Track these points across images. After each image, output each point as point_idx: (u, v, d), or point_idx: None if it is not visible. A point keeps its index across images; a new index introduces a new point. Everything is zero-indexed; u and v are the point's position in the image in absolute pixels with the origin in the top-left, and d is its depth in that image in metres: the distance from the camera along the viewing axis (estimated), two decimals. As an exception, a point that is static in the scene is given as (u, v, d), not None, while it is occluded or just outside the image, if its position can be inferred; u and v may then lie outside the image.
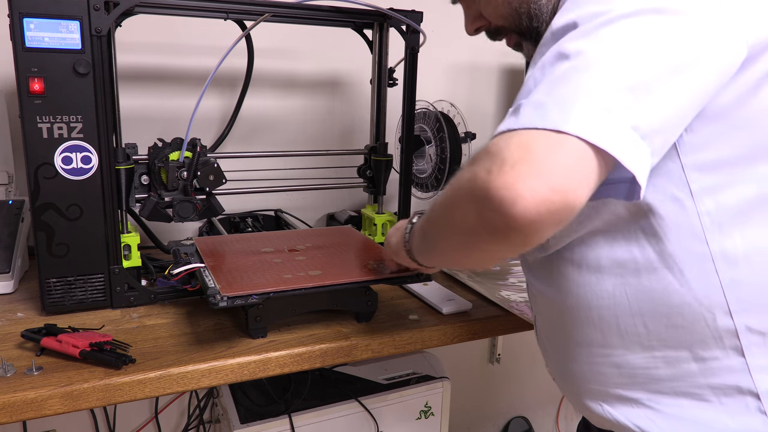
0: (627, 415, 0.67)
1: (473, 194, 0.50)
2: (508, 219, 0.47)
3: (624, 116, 0.50)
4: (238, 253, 0.97)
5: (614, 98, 0.50)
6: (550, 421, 2.04)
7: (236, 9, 0.99)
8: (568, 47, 0.53)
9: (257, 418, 1.13)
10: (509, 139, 0.50)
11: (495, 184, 0.47)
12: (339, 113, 1.46)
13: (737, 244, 0.60)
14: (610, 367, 0.67)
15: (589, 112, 0.49)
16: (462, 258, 0.60)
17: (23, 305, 0.95)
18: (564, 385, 0.75)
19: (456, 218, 0.55)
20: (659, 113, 0.52)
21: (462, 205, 0.53)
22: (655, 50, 0.52)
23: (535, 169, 0.47)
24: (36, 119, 0.84)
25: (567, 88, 0.51)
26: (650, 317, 0.63)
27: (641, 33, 0.52)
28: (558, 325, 0.72)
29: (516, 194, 0.47)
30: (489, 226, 0.50)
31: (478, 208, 0.50)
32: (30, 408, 0.71)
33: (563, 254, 0.68)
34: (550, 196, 0.47)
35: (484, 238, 0.52)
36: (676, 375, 0.64)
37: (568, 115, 0.49)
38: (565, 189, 0.47)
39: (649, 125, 0.51)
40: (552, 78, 0.52)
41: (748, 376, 0.62)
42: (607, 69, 0.51)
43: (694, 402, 0.63)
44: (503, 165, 0.48)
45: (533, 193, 0.46)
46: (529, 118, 0.50)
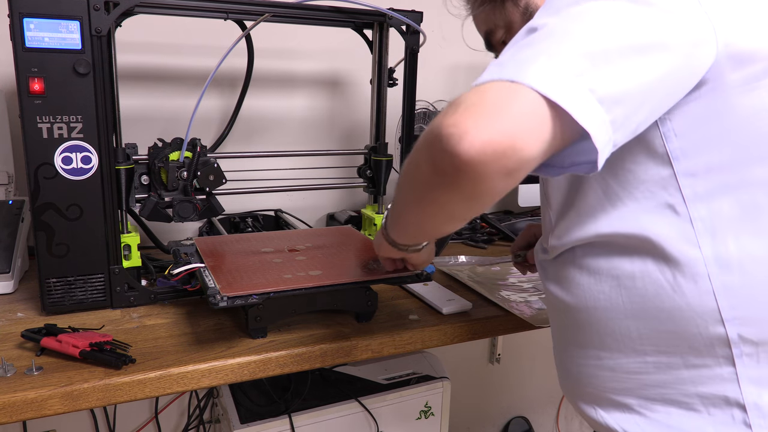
0: (618, 420, 0.67)
1: (427, 140, 0.52)
2: (454, 157, 0.48)
3: (580, 78, 0.50)
4: (238, 253, 0.97)
5: (572, 61, 0.51)
6: (550, 421, 2.04)
7: (236, 9, 0.99)
8: (537, 22, 0.55)
9: (257, 418, 1.13)
10: (467, 93, 0.51)
11: (445, 123, 0.49)
12: (339, 113, 1.46)
13: (731, 250, 0.60)
14: (604, 371, 0.67)
15: (545, 69, 0.50)
16: (424, 220, 0.61)
17: (23, 305, 0.95)
18: (564, 384, 0.76)
19: (413, 171, 0.56)
20: (618, 83, 0.52)
21: (418, 154, 0.54)
22: (619, 27, 0.53)
23: (485, 111, 0.48)
24: (36, 119, 0.84)
25: (528, 50, 0.53)
26: (643, 321, 0.63)
27: (608, 13, 0.53)
28: (562, 325, 0.73)
29: (463, 131, 0.48)
30: (438, 169, 0.51)
31: (430, 153, 0.51)
32: (30, 408, 0.71)
33: (567, 257, 0.69)
34: (496, 136, 0.48)
35: (435, 185, 0.53)
36: (666, 381, 0.64)
37: (525, 69, 0.50)
38: (512, 133, 0.48)
39: (606, 92, 0.51)
40: (518, 46, 0.54)
41: (737, 387, 0.62)
42: (569, 37, 0.52)
43: (683, 411, 0.64)
44: (457, 108, 0.49)
45: (479, 131, 0.47)
46: (488, 73, 0.52)
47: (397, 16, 1.08)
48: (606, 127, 0.51)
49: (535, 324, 0.96)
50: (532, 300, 1.05)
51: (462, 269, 1.20)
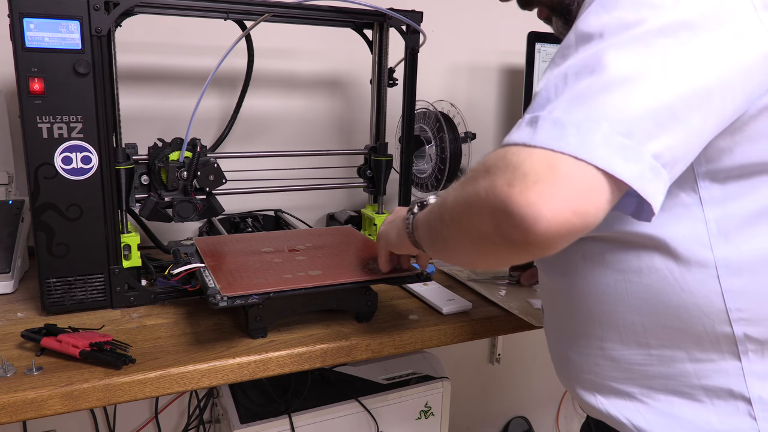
0: (619, 408, 0.67)
1: (491, 205, 0.50)
2: (528, 235, 0.48)
3: (646, 144, 0.49)
4: (238, 253, 0.97)
5: (637, 124, 0.49)
6: (550, 421, 2.04)
7: (236, 9, 0.99)
8: (593, 60, 0.52)
9: (257, 418, 1.13)
10: (530, 155, 0.49)
11: (518, 201, 0.47)
12: (339, 113, 1.46)
13: (742, 253, 0.59)
14: (606, 360, 0.67)
15: (609, 140, 0.48)
16: (473, 261, 0.61)
17: (23, 305, 0.95)
18: (561, 371, 0.76)
19: (471, 224, 0.54)
20: (683, 140, 0.51)
21: (478, 213, 0.53)
22: (683, 72, 0.50)
23: (558, 190, 0.47)
24: (36, 119, 0.84)
25: (588, 108, 0.50)
26: (648, 316, 0.63)
27: (669, 52, 0.51)
28: (560, 312, 0.73)
29: (538, 213, 0.47)
30: (506, 238, 0.50)
31: (497, 221, 0.50)
32: (30, 408, 0.71)
33: (572, 244, 0.68)
34: (571, 218, 0.47)
35: (499, 247, 0.52)
36: (670, 374, 0.64)
37: (587, 141, 0.48)
38: (585, 212, 0.48)
39: (672, 153, 0.50)
40: (573, 93, 0.51)
41: (742, 381, 0.62)
42: (632, 91, 0.50)
43: (686, 401, 0.64)
44: (525, 181, 0.48)
45: (555, 214, 0.47)
46: (547, 137, 0.50)
47: (397, 16, 1.08)
48: (665, 185, 0.51)
49: (535, 324, 0.96)
50: (532, 300, 1.05)
51: (462, 269, 1.20)
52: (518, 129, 0.53)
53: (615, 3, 0.53)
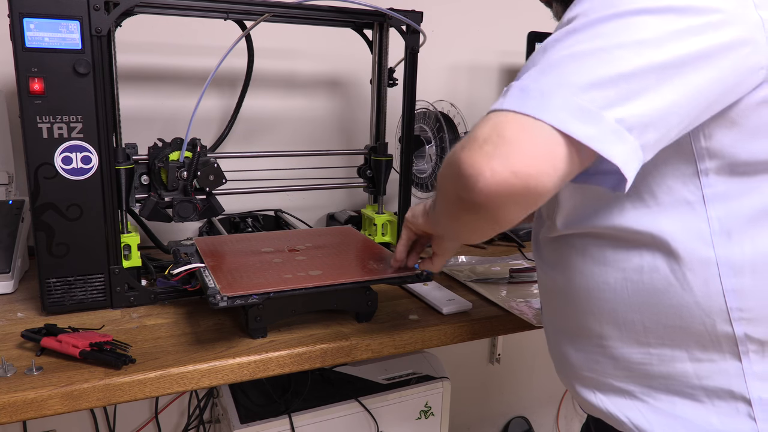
0: (618, 406, 0.67)
1: (451, 168, 0.53)
2: (472, 194, 0.50)
3: (607, 109, 0.50)
4: (238, 253, 0.97)
5: (600, 89, 0.50)
6: (550, 421, 2.04)
7: (236, 9, 0.99)
8: (566, 35, 0.54)
9: (257, 418, 1.13)
10: (489, 119, 0.52)
11: (464, 161, 0.50)
12: (339, 113, 1.46)
13: (745, 252, 0.59)
14: (606, 358, 0.67)
15: (568, 103, 0.50)
16: (457, 229, 0.62)
17: (23, 305, 0.95)
18: (560, 369, 0.76)
19: (442, 190, 0.58)
20: (651, 107, 0.51)
21: (445, 177, 0.56)
22: (654, 44, 0.51)
23: (500, 151, 0.49)
24: (36, 119, 0.84)
25: (553, 75, 0.52)
26: (649, 315, 0.63)
27: (642, 28, 0.51)
28: (559, 310, 0.73)
29: (478, 172, 0.49)
30: (461, 199, 0.53)
31: (453, 183, 0.53)
32: (30, 408, 0.71)
33: (571, 241, 0.68)
34: (510, 178, 0.49)
35: (462, 209, 0.55)
36: (670, 373, 0.64)
37: (548, 104, 0.50)
38: (526, 174, 0.49)
39: (638, 119, 0.51)
40: (545, 63, 0.53)
41: (743, 382, 0.62)
42: (597, 60, 0.51)
43: (687, 401, 0.64)
44: (474, 143, 0.50)
45: (493, 173, 0.49)
46: (511, 101, 0.52)
47: (397, 16, 1.08)
48: (636, 153, 0.51)
49: (535, 324, 0.96)
50: (532, 300, 1.05)
51: (462, 269, 1.20)
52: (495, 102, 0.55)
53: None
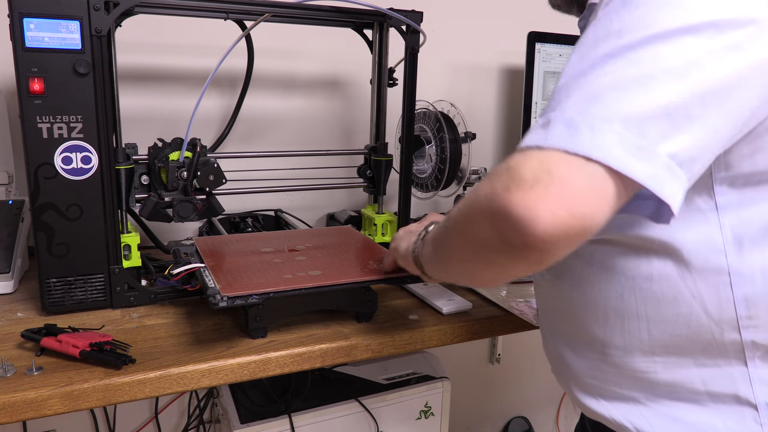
0: (622, 411, 0.67)
1: (491, 209, 0.49)
2: (526, 237, 0.47)
3: (660, 143, 0.48)
4: (238, 253, 0.97)
5: (651, 124, 0.48)
6: (550, 421, 2.04)
7: (236, 9, 0.99)
8: (608, 59, 0.51)
9: (257, 418, 1.13)
10: (532, 156, 0.49)
11: (514, 203, 0.47)
12: (339, 113, 1.46)
13: (756, 260, 0.58)
14: (609, 366, 0.67)
15: (622, 139, 0.47)
16: (474, 272, 0.60)
17: (23, 305, 0.95)
18: (558, 372, 0.75)
19: (472, 231, 0.54)
20: (700, 139, 0.50)
21: (479, 219, 0.52)
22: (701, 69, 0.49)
23: (555, 192, 0.47)
24: (36, 119, 0.84)
25: (601, 108, 0.49)
26: (656, 323, 0.62)
27: (684, 50, 0.49)
28: (560, 316, 0.72)
29: (535, 215, 0.46)
30: (506, 242, 0.49)
31: (496, 224, 0.49)
32: (30, 408, 0.71)
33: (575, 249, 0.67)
34: (569, 219, 0.47)
35: (499, 253, 0.52)
36: (675, 380, 0.63)
37: (600, 140, 0.47)
38: (583, 214, 0.47)
39: (688, 153, 0.49)
40: (587, 92, 0.50)
41: (749, 386, 0.61)
42: (646, 89, 0.49)
43: (691, 405, 0.63)
44: (522, 183, 0.47)
45: (552, 216, 0.46)
46: (559, 137, 0.49)
47: (397, 16, 1.08)
48: (683, 187, 0.50)
49: (535, 324, 0.96)
50: (532, 300, 1.05)
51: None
52: (530, 132, 0.52)
53: (636, 2, 0.52)
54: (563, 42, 1.45)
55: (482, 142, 1.60)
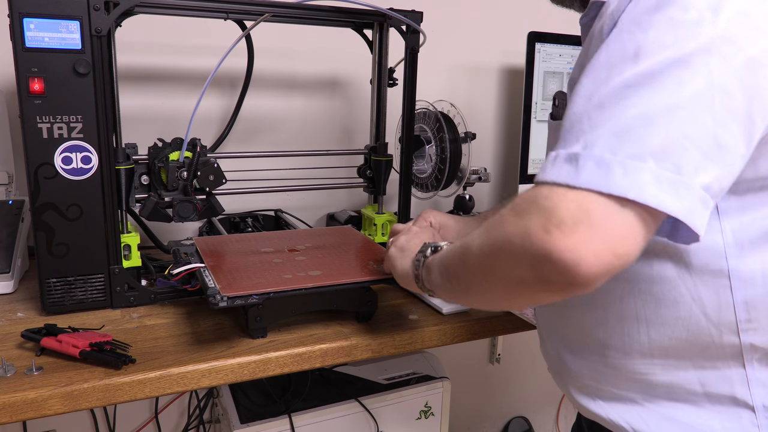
0: (619, 412, 0.67)
1: (529, 251, 0.49)
2: (571, 279, 0.48)
3: (695, 177, 0.48)
4: (238, 253, 0.97)
5: (684, 158, 0.48)
6: (550, 421, 2.04)
7: (236, 9, 0.99)
8: (629, 88, 0.50)
9: (257, 418, 1.13)
10: (566, 197, 0.48)
11: (558, 246, 0.47)
12: (339, 113, 1.46)
13: (756, 264, 0.58)
14: (607, 368, 0.67)
15: (658, 177, 0.47)
16: (500, 302, 0.60)
17: (23, 305, 0.95)
18: (556, 372, 0.75)
19: (504, 270, 0.53)
20: (730, 166, 0.50)
21: (513, 259, 0.51)
22: (728, 94, 0.48)
23: (598, 234, 0.47)
24: (36, 119, 0.84)
25: (631, 144, 0.48)
26: (655, 326, 0.62)
27: (714, 73, 0.48)
28: (559, 317, 0.72)
29: (580, 258, 0.47)
30: (546, 282, 0.49)
31: (536, 266, 0.49)
32: (30, 408, 0.71)
33: None
34: (612, 260, 0.47)
35: (536, 291, 0.52)
36: (673, 382, 0.64)
37: (634, 180, 0.47)
38: (625, 252, 0.48)
39: (720, 183, 0.49)
40: (614, 127, 0.49)
41: (746, 389, 0.61)
42: (675, 121, 0.48)
43: (689, 406, 0.63)
44: (562, 225, 0.47)
45: (596, 258, 0.47)
46: (591, 177, 0.48)
47: (397, 16, 1.08)
48: (710, 212, 0.50)
49: (535, 324, 0.96)
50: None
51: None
52: (554, 166, 0.51)
53: (649, 21, 0.51)
54: (563, 42, 1.45)
55: (482, 142, 1.60)
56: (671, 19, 0.50)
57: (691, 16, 0.49)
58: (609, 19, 0.56)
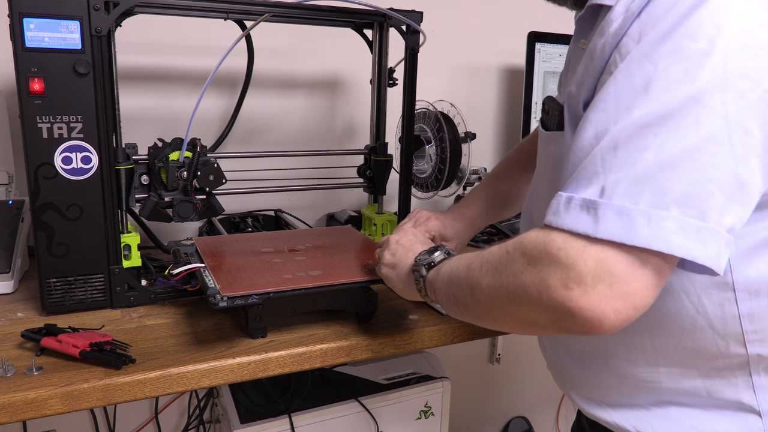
0: (624, 416, 0.67)
1: (549, 305, 0.49)
2: (590, 330, 0.48)
3: (720, 221, 0.47)
4: (238, 253, 0.97)
5: (708, 203, 0.47)
6: (550, 421, 2.04)
7: (236, 9, 0.99)
8: (645, 129, 0.48)
9: (257, 418, 1.13)
10: (585, 251, 0.48)
11: (579, 304, 0.47)
12: (339, 113, 1.46)
13: (761, 275, 0.58)
14: (612, 376, 0.66)
15: (682, 225, 0.46)
16: (513, 329, 0.60)
17: (23, 305, 0.95)
18: (559, 378, 0.75)
19: (520, 314, 0.54)
20: (751, 203, 0.49)
21: (530, 308, 0.52)
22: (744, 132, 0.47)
23: (618, 292, 0.47)
24: (36, 119, 0.84)
25: (652, 192, 0.47)
26: (659, 336, 0.62)
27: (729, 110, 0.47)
28: None
29: (602, 315, 0.47)
30: (566, 329, 0.50)
31: (555, 317, 0.49)
32: (30, 408, 0.71)
33: None
34: (633, 313, 0.48)
35: (553, 331, 0.52)
36: (678, 389, 0.63)
37: (658, 230, 0.46)
38: (645, 304, 0.48)
39: (742, 220, 0.49)
40: (633, 173, 0.48)
41: (752, 395, 0.61)
42: (696, 166, 0.47)
43: (695, 410, 0.63)
44: (582, 282, 0.47)
45: (617, 314, 0.47)
46: (613, 228, 0.47)
47: (397, 16, 1.07)
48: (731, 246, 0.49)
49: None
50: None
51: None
52: (569, 212, 0.50)
53: (658, 51, 0.50)
54: (563, 42, 1.45)
55: (482, 142, 1.60)
56: (681, 48, 0.49)
57: (701, 45, 0.48)
58: (611, 38, 0.55)
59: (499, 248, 0.56)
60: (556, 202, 0.51)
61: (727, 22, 0.48)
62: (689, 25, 0.48)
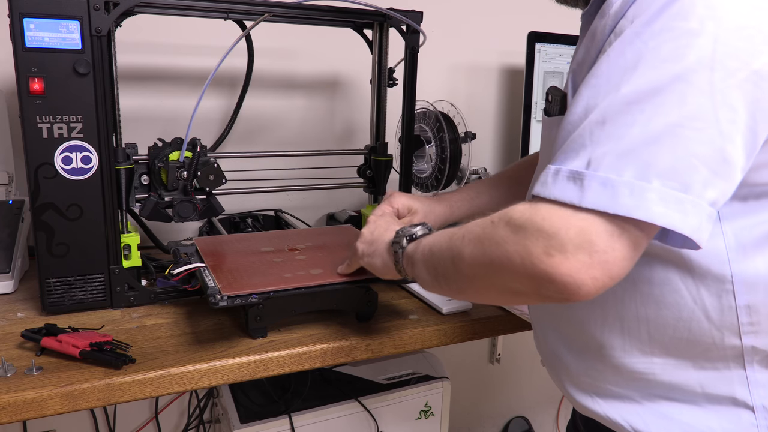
0: (618, 410, 0.67)
1: (530, 272, 0.50)
2: (568, 296, 0.49)
3: (703, 194, 0.48)
4: (238, 253, 0.97)
5: (691, 176, 0.48)
6: (550, 421, 2.04)
7: (236, 9, 0.99)
8: (631, 105, 0.49)
9: (257, 418, 1.13)
10: (569, 220, 0.49)
11: (559, 270, 0.48)
12: (339, 113, 1.46)
13: (759, 268, 0.58)
14: (606, 366, 0.67)
15: (664, 196, 0.48)
16: (496, 302, 0.62)
17: (23, 305, 0.95)
18: (554, 370, 0.75)
19: (502, 283, 0.55)
20: (735, 179, 0.50)
21: (512, 275, 0.53)
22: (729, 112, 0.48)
23: (598, 260, 0.48)
24: (36, 119, 0.84)
25: (636, 165, 0.48)
26: (655, 326, 0.62)
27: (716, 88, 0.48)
28: (557, 315, 0.72)
29: (580, 282, 0.48)
30: (545, 296, 0.51)
31: (535, 285, 0.51)
32: (30, 408, 0.71)
33: None
34: (608, 282, 0.49)
35: (533, 299, 0.54)
36: (672, 382, 0.64)
37: (641, 200, 0.48)
38: (620, 274, 0.49)
39: (725, 195, 0.50)
40: (618, 147, 0.49)
41: (746, 389, 0.61)
42: (680, 139, 0.48)
43: (688, 406, 0.63)
44: (564, 250, 0.48)
45: (594, 281, 0.48)
46: (597, 198, 0.49)
47: (397, 16, 1.08)
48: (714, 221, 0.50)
49: (535, 324, 0.96)
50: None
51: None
52: (556, 183, 0.51)
53: (651, 31, 0.51)
54: (563, 42, 1.45)
55: (482, 142, 1.60)
56: (671, 28, 0.50)
57: (691, 25, 0.49)
58: (611, 19, 0.56)
59: (483, 220, 0.57)
60: (544, 174, 0.53)
61: (720, 3, 0.49)
62: (682, 5, 0.50)
